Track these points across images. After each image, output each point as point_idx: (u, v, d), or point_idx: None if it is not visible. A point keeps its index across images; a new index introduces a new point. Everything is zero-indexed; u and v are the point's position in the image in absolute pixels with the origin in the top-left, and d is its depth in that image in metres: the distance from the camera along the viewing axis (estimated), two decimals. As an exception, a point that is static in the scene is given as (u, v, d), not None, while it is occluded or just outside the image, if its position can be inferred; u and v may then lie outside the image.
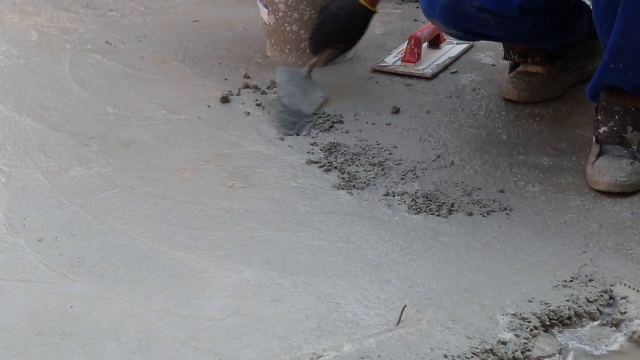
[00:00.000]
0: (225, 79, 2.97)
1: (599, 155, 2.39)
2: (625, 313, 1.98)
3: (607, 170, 2.35)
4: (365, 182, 2.40)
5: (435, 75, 2.94)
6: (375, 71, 2.99)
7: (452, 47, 3.10)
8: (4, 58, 3.11)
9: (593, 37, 2.87)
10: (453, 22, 2.53)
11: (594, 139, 2.45)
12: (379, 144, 2.58)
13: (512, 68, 2.88)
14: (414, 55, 2.97)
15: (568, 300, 1.98)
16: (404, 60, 2.99)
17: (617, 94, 2.41)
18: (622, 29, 2.28)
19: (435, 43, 3.10)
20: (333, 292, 2.00)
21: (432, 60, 3.02)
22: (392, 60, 3.03)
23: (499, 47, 2.97)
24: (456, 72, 3.01)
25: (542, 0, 2.50)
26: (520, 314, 1.93)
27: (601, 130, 2.42)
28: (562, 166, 2.49)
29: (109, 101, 2.82)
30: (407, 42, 3.01)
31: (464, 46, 3.10)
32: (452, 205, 2.31)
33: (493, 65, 3.04)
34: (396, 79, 2.97)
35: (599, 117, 2.44)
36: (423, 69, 2.96)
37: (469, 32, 2.61)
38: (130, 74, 3.01)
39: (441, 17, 2.52)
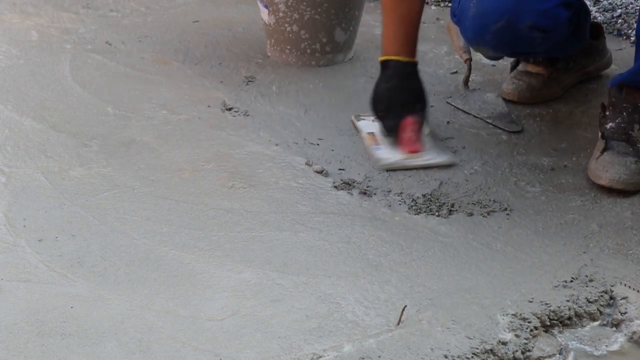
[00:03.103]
0: (225, 79, 2.97)
1: (604, 150, 2.39)
2: (625, 313, 1.98)
3: (611, 166, 2.35)
4: (365, 183, 2.40)
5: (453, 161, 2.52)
6: (388, 170, 2.48)
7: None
8: (4, 58, 3.11)
9: (593, 38, 2.88)
10: (505, 45, 2.44)
11: (600, 134, 2.44)
12: (379, 144, 2.59)
13: (512, 68, 2.89)
14: (417, 143, 2.49)
15: (568, 300, 1.98)
16: (409, 151, 2.48)
17: (627, 90, 2.41)
18: None
19: None
20: (333, 292, 2.00)
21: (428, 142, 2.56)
22: (389, 154, 2.50)
23: (499, 47, 2.97)
24: (456, 72, 3.01)
25: (577, 6, 2.48)
26: (520, 314, 1.93)
27: (608, 126, 2.42)
28: (562, 166, 2.49)
29: (109, 101, 2.82)
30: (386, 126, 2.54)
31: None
32: (452, 205, 2.31)
33: (493, 65, 3.04)
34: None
35: (607, 113, 2.44)
36: (437, 156, 2.51)
37: (514, 53, 2.57)
38: (130, 74, 3.01)
39: (492, 42, 2.42)
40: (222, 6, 3.58)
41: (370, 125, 2.61)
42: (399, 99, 2.50)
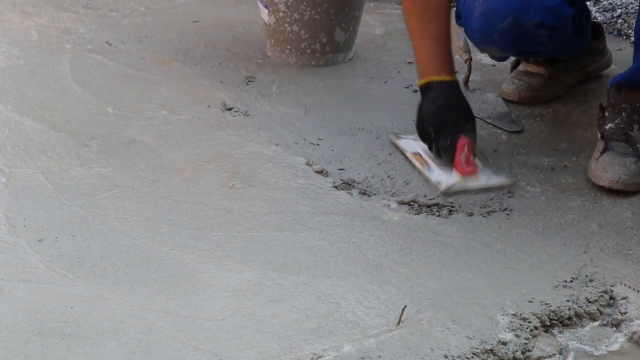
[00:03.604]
0: (225, 79, 2.97)
1: (604, 151, 2.39)
2: (625, 313, 1.98)
3: (611, 167, 2.35)
4: (365, 183, 2.40)
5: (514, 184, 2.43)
6: (447, 194, 2.38)
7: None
8: (4, 58, 3.11)
9: (593, 38, 2.88)
10: (512, 43, 2.42)
11: (599, 135, 2.44)
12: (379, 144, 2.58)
13: (513, 68, 2.89)
14: (472, 164, 2.40)
15: (568, 300, 1.98)
16: (465, 172, 2.39)
17: (626, 90, 2.41)
18: None
19: None
20: (333, 292, 2.00)
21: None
22: (443, 176, 2.41)
23: (499, 47, 2.97)
24: (456, 72, 3.00)
25: (581, 4, 2.48)
26: (520, 314, 1.93)
27: (607, 127, 2.42)
28: (562, 166, 2.49)
29: (109, 101, 2.82)
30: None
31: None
32: (452, 205, 2.31)
33: (493, 65, 3.04)
34: (397, 78, 2.97)
35: (606, 114, 2.44)
36: (495, 177, 2.43)
37: (521, 52, 2.56)
38: (130, 74, 3.01)
39: (500, 41, 2.40)
40: (222, 6, 3.58)
41: (412, 144, 2.53)
42: (451, 118, 2.41)
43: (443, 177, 2.39)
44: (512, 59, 2.88)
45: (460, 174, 2.37)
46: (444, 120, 2.41)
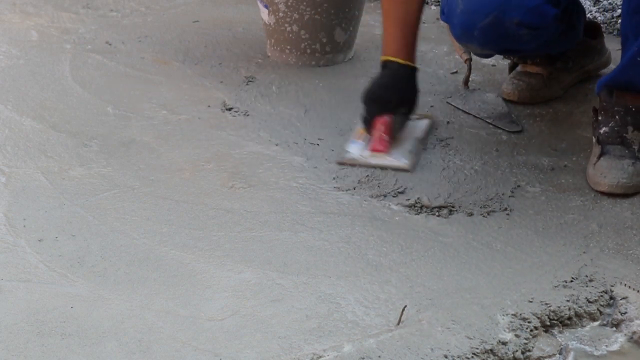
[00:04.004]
0: (225, 79, 2.97)
1: (600, 155, 2.39)
2: (625, 313, 1.98)
3: (609, 171, 2.35)
4: (365, 183, 2.40)
5: (413, 167, 2.47)
6: (341, 164, 2.48)
7: (413, 125, 2.61)
8: (4, 58, 3.11)
9: (592, 37, 2.88)
10: (493, 42, 2.45)
11: (594, 139, 2.45)
12: (379, 144, 2.59)
13: (512, 68, 2.89)
14: (383, 142, 2.49)
15: (568, 300, 1.98)
16: (373, 149, 2.48)
17: (617, 93, 2.41)
18: None
19: None
20: (333, 292, 2.00)
21: (399, 145, 2.53)
22: (357, 149, 2.52)
23: (499, 47, 2.97)
24: (456, 72, 3.01)
25: (565, 3, 2.49)
26: (520, 314, 1.93)
27: (601, 131, 2.42)
28: (562, 166, 2.49)
29: (109, 101, 2.82)
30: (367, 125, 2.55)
31: (424, 122, 2.66)
32: (452, 205, 2.31)
33: (493, 65, 3.04)
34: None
35: (599, 118, 2.44)
36: (397, 159, 2.48)
37: (502, 50, 2.58)
38: (130, 74, 3.02)
39: (479, 39, 2.43)
40: (222, 6, 3.58)
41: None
42: (383, 96, 2.51)
43: (353, 149, 2.51)
44: (511, 58, 2.88)
45: (368, 150, 2.48)
46: (378, 96, 2.51)
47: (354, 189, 2.37)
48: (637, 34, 2.31)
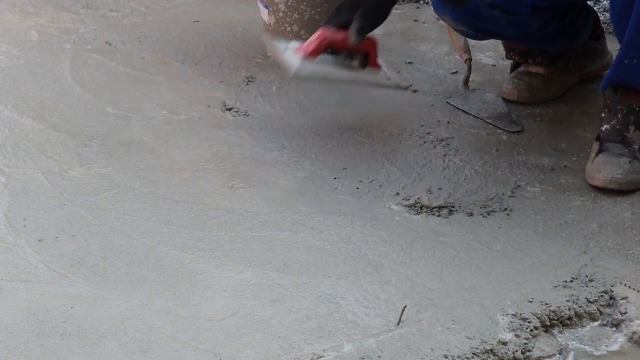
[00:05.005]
0: (225, 79, 2.97)
1: (599, 152, 2.40)
2: (625, 313, 1.98)
3: (604, 167, 2.36)
4: (365, 182, 2.40)
5: (304, 76, 2.56)
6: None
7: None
8: (4, 58, 3.11)
9: (593, 38, 2.88)
10: (464, 18, 2.52)
11: (596, 136, 2.45)
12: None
13: (513, 68, 2.89)
14: (308, 46, 2.52)
15: (568, 300, 1.98)
16: (298, 49, 2.54)
17: (621, 92, 2.41)
18: (637, 24, 2.27)
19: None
20: (333, 292, 2.00)
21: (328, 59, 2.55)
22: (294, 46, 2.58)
23: (499, 47, 2.97)
24: (456, 72, 3.01)
25: (552, 0, 2.50)
26: (520, 314, 1.93)
27: (603, 128, 2.43)
28: (562, 166, 2.49)
29: (109, 101, 2.82)
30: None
31: (388, 76, 2.67)
32: (452, 205, 2.31)
33: (493, 65, 3.04)
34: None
35: (602, 115, 2.44)
36: (294, 62, 2.53)
37: (478, 30, 2.60)
38: (130, 74, 3.01)
39: (452, 13, 2.51)
40: (222, 6, 3.58)
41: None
42: (343, 7, 2.52)
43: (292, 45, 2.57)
44: (511, 59, 2.88)
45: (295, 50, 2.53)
46: (339, 6, 2.54)
47: (354, 189, 2.38)
48: (622, 39, 2.33)
